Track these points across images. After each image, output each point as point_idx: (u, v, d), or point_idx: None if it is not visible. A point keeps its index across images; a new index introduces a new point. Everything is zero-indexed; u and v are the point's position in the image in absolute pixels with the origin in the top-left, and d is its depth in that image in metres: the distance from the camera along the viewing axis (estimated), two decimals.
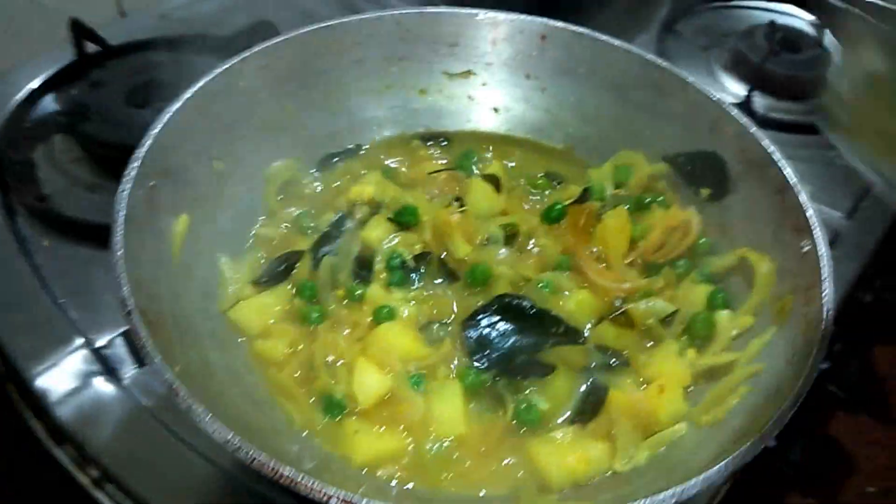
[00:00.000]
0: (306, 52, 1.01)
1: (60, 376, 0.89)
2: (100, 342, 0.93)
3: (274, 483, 0.61)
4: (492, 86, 1.12)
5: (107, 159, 1.13)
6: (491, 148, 1.11)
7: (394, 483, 0.76)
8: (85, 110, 1.14)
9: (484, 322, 0.85)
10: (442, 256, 0.93)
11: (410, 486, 0.76)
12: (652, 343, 0.87)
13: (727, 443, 0.69)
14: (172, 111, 0.87)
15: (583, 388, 0.83)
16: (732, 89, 1.40)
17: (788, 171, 0.87)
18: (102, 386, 0.89)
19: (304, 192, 1.03)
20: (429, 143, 1.12)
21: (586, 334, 0.87)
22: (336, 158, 1.06)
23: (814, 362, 0.70)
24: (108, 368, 0.91)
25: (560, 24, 1.07)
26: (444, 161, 1.08)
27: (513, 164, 1.10)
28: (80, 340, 0.93)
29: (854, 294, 1.09)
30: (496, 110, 1.13)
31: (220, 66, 0.93)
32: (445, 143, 1.12)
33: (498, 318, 0.85)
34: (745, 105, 1.30)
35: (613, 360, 0.85)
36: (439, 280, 0.93)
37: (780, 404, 0.68)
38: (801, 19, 1.57)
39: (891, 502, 0.99)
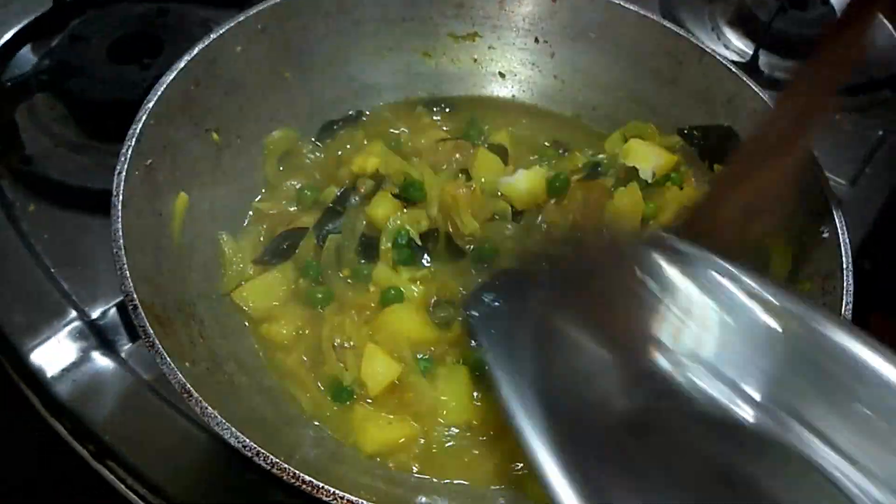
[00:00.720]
0: (304, 14, 0.95)
1: (56, 351, 0.86)
2: (94, 314, 0.90)
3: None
4: (499, 49, 1.07)
5: (92, 118, 1.08)
6: (497, 115, 1.07)
7: (405, 473, 0.76)
8: (67, 67, 1.07)
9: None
10: (449, 232, 0.91)
11: (422, 476, 0.76)
12: None
13: None
14: (167, 82, 0.82)
15: None
16: (736, 46, 1.36)
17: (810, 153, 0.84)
18: (99, 360, 0.86)
19: (304, 163, 0.99)
20: (433, 109, 1.07)
21: None
22: (337, 126, 1.02)
23: None
24: (105, 341, 0.88)
25: None
26: (449, 128, 1.05)
27: (520, 132, 1.06)
28: (74, 313, 0.89)
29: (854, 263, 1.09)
30: (502, 75, 1.09)
31: (214, 32, 0.88)
32: (449, 109, 1.08)
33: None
34: (750, 64, 1.27)
35: None
36: (446, 258, 0.90)
37: None
38: None
39: None
